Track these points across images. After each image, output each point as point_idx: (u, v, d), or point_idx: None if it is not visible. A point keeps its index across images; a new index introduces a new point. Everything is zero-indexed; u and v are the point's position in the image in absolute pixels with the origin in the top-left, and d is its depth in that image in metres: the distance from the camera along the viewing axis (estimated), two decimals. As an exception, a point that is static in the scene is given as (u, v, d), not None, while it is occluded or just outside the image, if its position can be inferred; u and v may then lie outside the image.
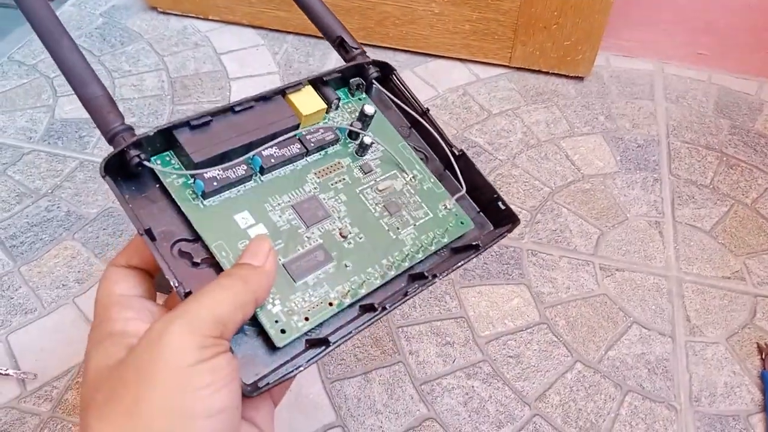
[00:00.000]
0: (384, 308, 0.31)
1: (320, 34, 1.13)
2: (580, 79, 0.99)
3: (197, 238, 0.31)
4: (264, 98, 0.34)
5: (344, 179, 0.36)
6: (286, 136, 0.34)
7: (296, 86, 0.35)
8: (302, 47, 1.04)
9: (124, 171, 0.30)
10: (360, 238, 0.34)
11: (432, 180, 0.38)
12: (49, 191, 0.79)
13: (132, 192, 0.31)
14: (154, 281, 0.31)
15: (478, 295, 0.70)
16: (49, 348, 0.64)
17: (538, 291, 0.70)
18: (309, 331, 0.31)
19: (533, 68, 0.99)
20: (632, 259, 0.74)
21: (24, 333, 0.65)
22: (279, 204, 0.33)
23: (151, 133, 0.30)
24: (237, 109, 0.33)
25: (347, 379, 0.62)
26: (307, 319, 0.31)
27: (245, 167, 0.32)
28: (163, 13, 1.09)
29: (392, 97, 0.39)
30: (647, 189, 0.82)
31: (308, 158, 0.36)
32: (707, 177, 0.84)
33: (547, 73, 0.99)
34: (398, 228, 0.36)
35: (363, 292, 0.33)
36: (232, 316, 0.26)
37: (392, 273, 0.34)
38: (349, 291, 0.32)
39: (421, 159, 0.40)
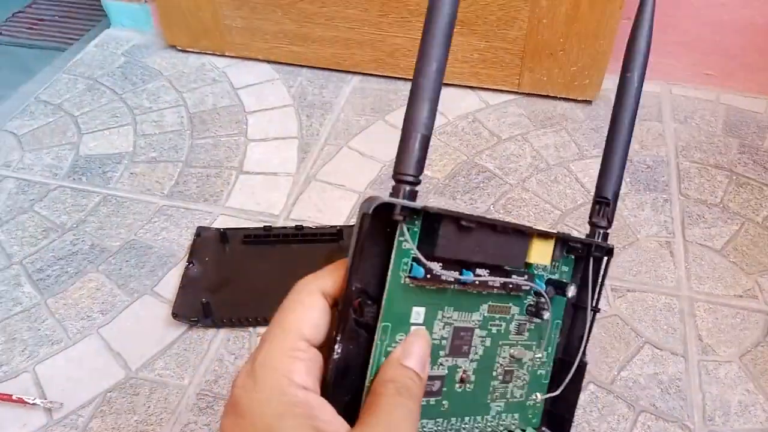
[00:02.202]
0: None
1: (334, 67, 1.16)
2: (588, 102, 1.00)
3: (379, 301, 0.31)
4: (519, 231, 0.33)
5: (500, 327, 0.36)
6: (503, 279, 0.34)
7: (547, 235, 0.34)
8: (316, 80, 1.07)
9: (379, 216, 0.30)
10: (469, 388, 0.34)
11: (547, 369, 0.38)
12: (74, 225, 0.82)
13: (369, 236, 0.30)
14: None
15: (491, 319, 0.71)
16: (74, 377, 0.66)
17: (549, 313, 0.71)
18: None
19: (541, 94, 1.01)
20: (643, 279, 0.74)
21: (50, 363, 0.68)
22: (447, 318, 0.33)
23: (432, 211, 0.30)
24: (498, 229, 0.32)
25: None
26: None
27: (456, 275, 0.32)
28: (182, 51, 1.13)
29: (591, 281, 0.38)
30: (657, 209, 0.83)
31: (497, 290, 0.35)
32: (717, 196, 0.84)
33: (555, 98, 1.01)
34: (497, 396, 0.36)
35: None
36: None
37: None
38: (427, 430, 0.33)
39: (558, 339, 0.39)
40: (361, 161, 0.91)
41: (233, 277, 0.76)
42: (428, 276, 0.31)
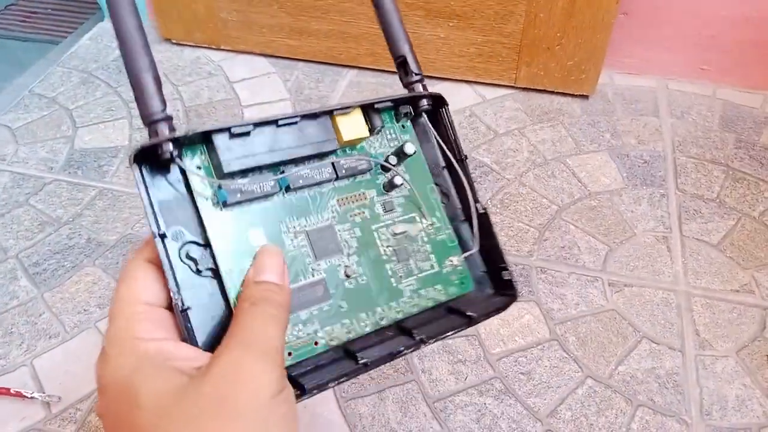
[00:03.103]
0: (366, 365, 0.31)
1: (330, 61, 1.16)
2: (585, 97, 1.00)
3: (208, 244, 0.30)
4: (311, 116, 0.32)
5: (364, 213, 0.35)
6: (320, 161, 0.33)
7: (345, 109, 0.33)
8: (312, 74, 1.06)
9: (151, 161, 0.29)
10: (362, 280, 0.33)
11: (448, 231, 0.37)
12: (70, 219, 0.82)
13: (155, 184, 0.30)
14: None
15: (489, 313, 0.71)
16: (72, 371, 0.66)
17: (547, 308, 0.71)
18: (289, 366, 0.30)
19: (538, 88, 1.01)
20: (640, 274, 0.75)
21: (48, 357, 0.67)
22: (294, 227, 0.32)
23: (190, 134, 0.29)
24: (281, 123, 0.31)
25: (361, 398, 0.64)
26: (290, 354, 0.30)
27: (272, 183, 0.32)
28: (177, 44, 1.13)
29: (436, 134, 0.37)
30: (654, 204, 0.83)
31: (336, 183, 0.34)
32: (714, 191, 0.85)
33: (551, 92, 1.01)
34: (401, 276, 0.35)
35: (350, 337, 0.32)
36: (283, 343, 0.27)
37: (383, 323, 0.33)
38: (337, 334, 0.32)
39: (443, 201, 0.38)
40: (359, 155, 0.91)
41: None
42: (239, 196, 0.30)
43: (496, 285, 0.37)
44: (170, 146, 0.28)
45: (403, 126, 0.37)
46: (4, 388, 0.63)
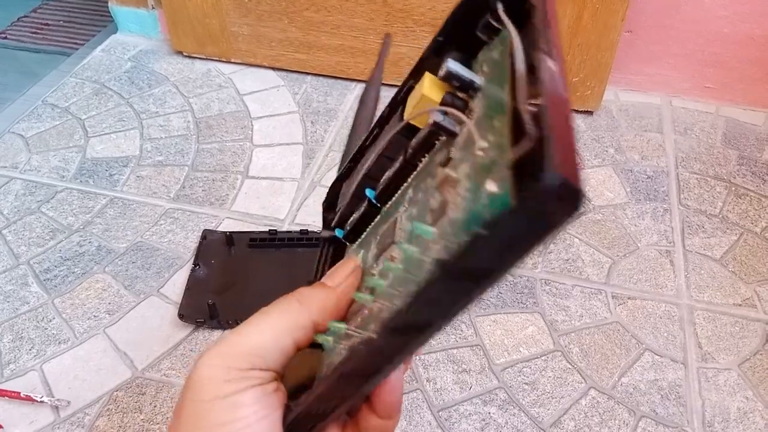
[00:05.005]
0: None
1: (338, 75, 1.17)
2: (590, 113, 1.02)
3: None
4: (384, 118, 0.29)
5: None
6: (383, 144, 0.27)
7: (415, 76, 0.26)
8: (321, 87, 1.08)
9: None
10: (398, 259, 0.25)
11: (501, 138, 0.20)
12: (81, 227, 0.83)
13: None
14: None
15: (493, 324, 0.72)
16: (81, 376, 0.67)
17: (551, 319, 0.72)
18: None
19: (544, 104, 1.02)
20: (644, 287, 0.75)
21: (58, 362, 0.68)
22: (377, 235, 0.29)
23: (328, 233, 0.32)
24: (367, 144, 0.29)
25: (367, 406, 0.64)
26: None
27: (366, 203, 0.29)
28: (188, 57, 1.15)
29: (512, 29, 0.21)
30: (657, 219, 0.84)
31: (419, 165, 0.27)
32: (716, 207, 0.86)
33: (557, 108, 1.02)
34: (439, 214, 0.23)
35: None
36: (275, 344, 0.24)
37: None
38: None
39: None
40: (366, 168, 0.92)
41: (239, 280, 0.76)
42: (348, 228, 0.31)
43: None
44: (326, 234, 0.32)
45: (502, 42, 0.23)
46: (14, 392, 0.64)
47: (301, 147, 0.96)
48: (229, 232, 0.80)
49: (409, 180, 0.27)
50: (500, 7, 0.22)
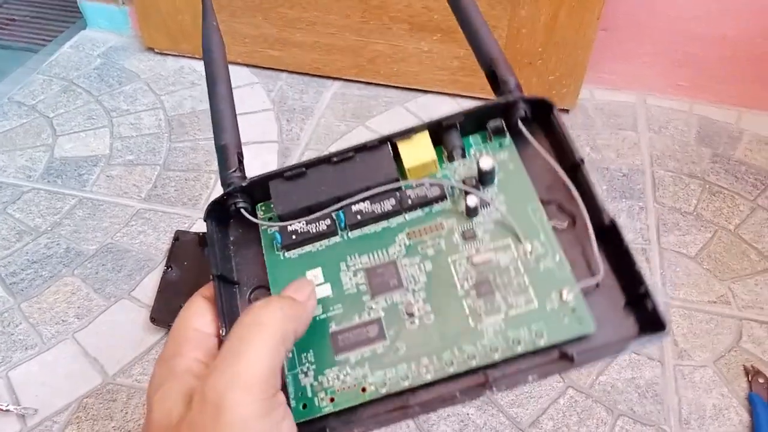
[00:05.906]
0: (404, 408, 0.28)
1: (314, 73, 1.15)
2: (566, 111, 1.02)
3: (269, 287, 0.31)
4: (367, 148, 0.31)
5: (438, 245, 0.30)
6: (375, 190, 0.30)
7: (406, 133, 0.31)
8: (296, 84, 1.07)
9: (221, 213, 0.32)
10: (428, 320, 0.29)
11: (557, 258, 0.29)
12: (49, 228, 0.81)
13: (233, 237, 0.33)
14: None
15: (471, 324, 0.71)
16: (49, 383, 0.65)
17: (529, 318, 0.72)
18: (332, 413, 0.28)
19: (520, 102, 1.02)
20: (620, 285, 0.76)
21: (24, 369, 0.66)
22: (354, 265, 0.30)
23: (245, 184, 0.31)
24: (334, 159, 0.31)
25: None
26: (332, 400, 0.28)
27: (329, 222, 0.31)
28: (160, 53, 1.12)
29: (535, 143, 0.31)
30: (633, 217, 0.84)
31: (406, 216, 0.31)
32: (691, 204, 0.86)
33: (533, 106, 1.02)
34: (482, 315, 0.28)
35: (405, 385, 0.28)
36: (278, 357, 0.25)
37: (451, 370, 0.28)
38: (389, 379, 0.28)
39: (561, 227, 0.30)
40: (342, 166, 0.91)
41: (213, 282, 0.75)
42: (294, 237, 0.31)
43: (638, 319, 0.28)
44: (238, 198, 0.32)
45: (500, 144, 0.33)
46: (-22, 400, 0.62)
47: (276, 145, 0.95)
48: (203, 233, 0.79)
49: (395, 224, 0.31)
50: (522, 125, 0.32)
